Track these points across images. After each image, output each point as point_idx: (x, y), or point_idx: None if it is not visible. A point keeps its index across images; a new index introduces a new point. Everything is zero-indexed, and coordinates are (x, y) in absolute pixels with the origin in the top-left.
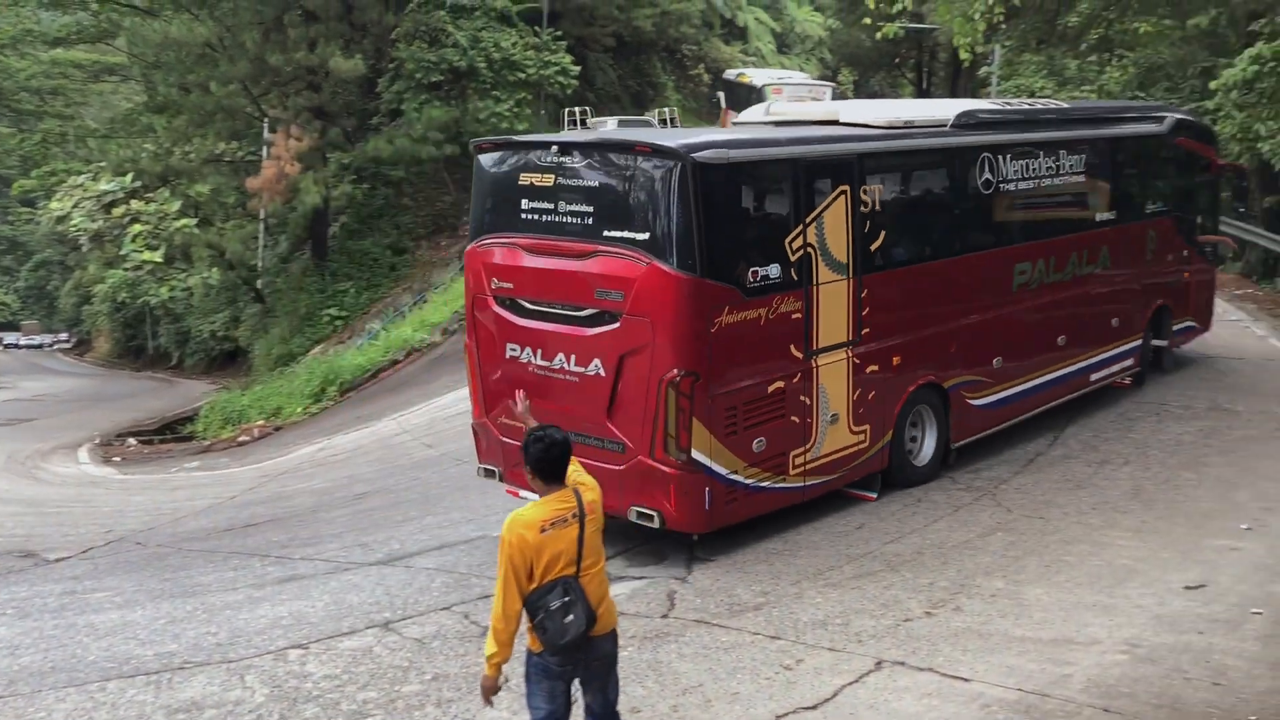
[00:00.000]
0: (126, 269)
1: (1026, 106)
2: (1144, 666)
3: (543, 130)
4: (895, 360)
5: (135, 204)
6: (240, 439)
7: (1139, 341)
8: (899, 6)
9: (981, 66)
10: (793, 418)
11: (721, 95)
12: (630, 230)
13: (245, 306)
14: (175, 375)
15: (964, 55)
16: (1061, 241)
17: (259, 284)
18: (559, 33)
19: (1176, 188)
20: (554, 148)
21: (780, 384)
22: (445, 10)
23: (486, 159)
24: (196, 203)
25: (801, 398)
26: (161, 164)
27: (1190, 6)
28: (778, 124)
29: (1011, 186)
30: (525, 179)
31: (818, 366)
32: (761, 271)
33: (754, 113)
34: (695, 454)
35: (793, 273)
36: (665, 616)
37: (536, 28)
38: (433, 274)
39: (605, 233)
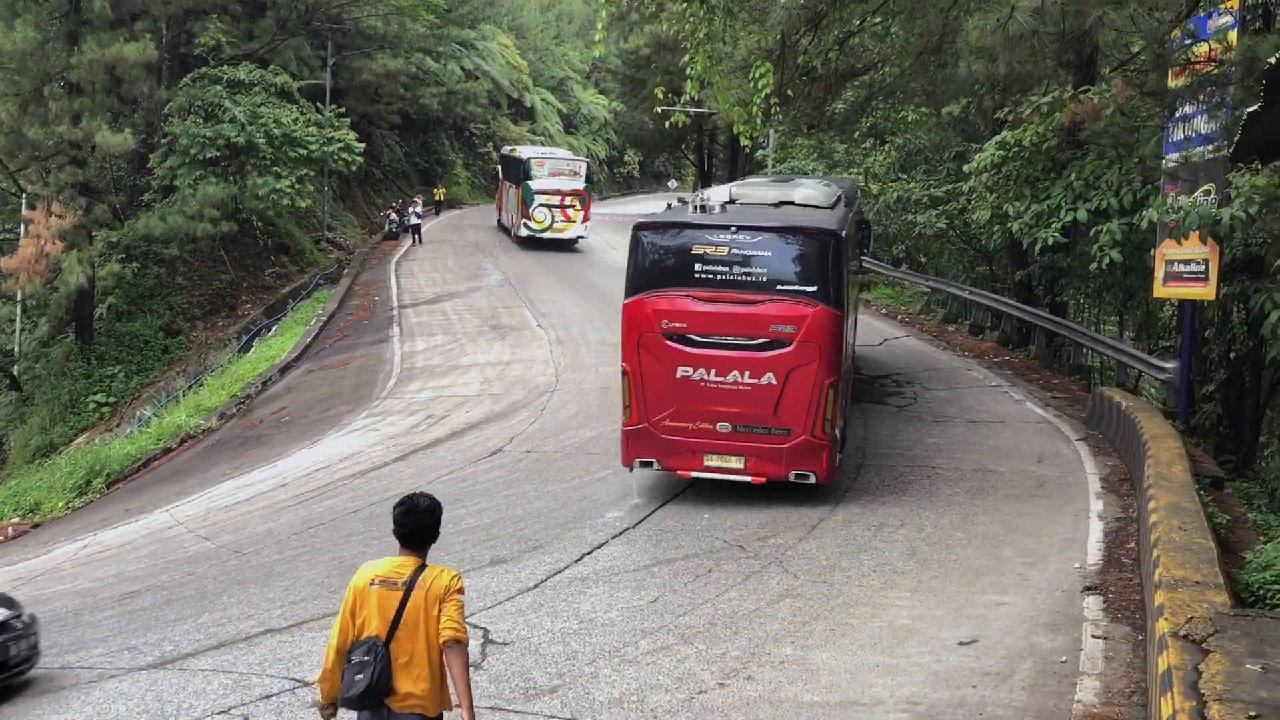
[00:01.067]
0: None
1: None
2: None
3: (327, 206)
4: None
5: None
6: None
7: None
8: (684, 98)
9: (759, 149)
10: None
11: (499, 168)
12: (800, 284)
13: (0, 395)
14: None
15: (744, 142)
16: None
17: (15, 370)
18: (343, 109)
19: None
20: (733, 228)
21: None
22: (222, 85)
23: (648, 234)
24: None
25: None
26: None
27: (943, 95)
28: (772, 205)
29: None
30: (699, 249)
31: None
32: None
33: (714, 195)
34: (835, 431)
35: (846, 302)
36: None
37: (319, 104)
38: (209, 356)
39: (778, 286)
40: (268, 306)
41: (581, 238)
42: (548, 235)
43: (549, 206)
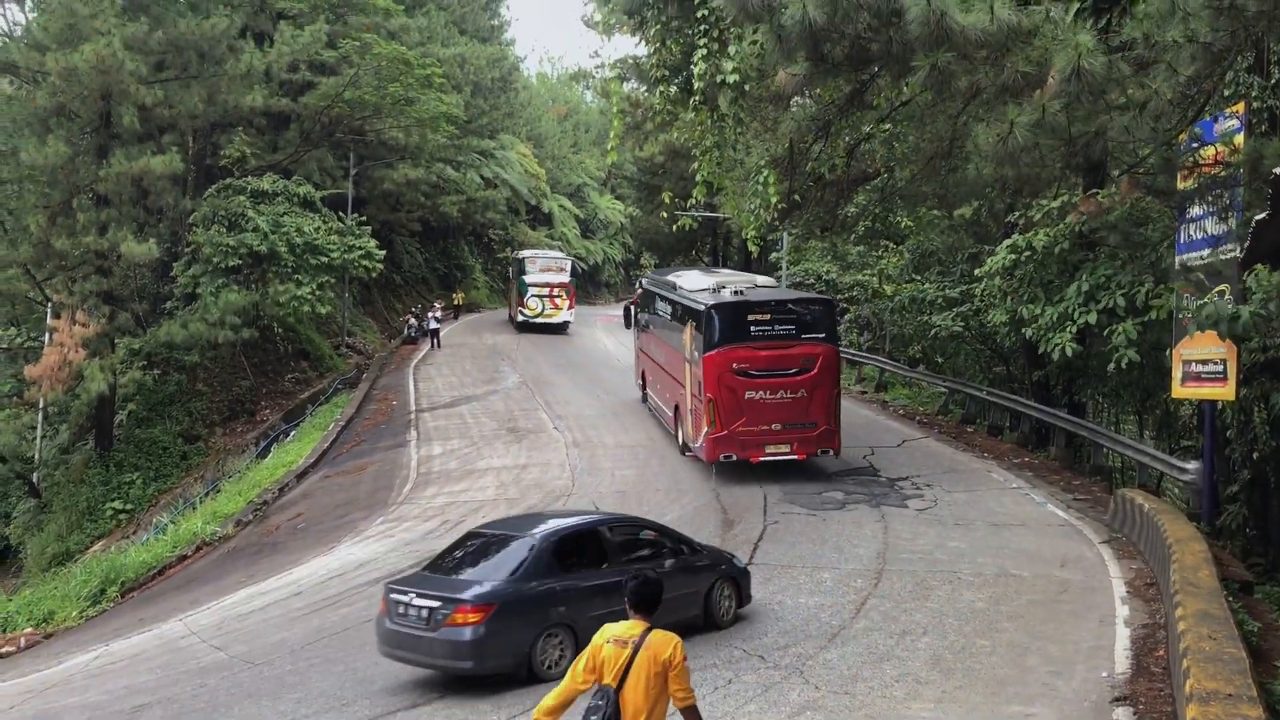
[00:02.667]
0: None
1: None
2: None
3: (348, 312)
4: None
5: None
6: (3, 650)
7: None
8: (691, 202)
9: (772, 251)
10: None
11: (510, 269)
12: (815, 331)
13: (18, 502)
14: None
15: (753, 247)
16: None
17: (35, 477)
18: (364, 218)
19: None
20: (773, 302)
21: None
22: (246, 196)
23: (718, 311)
24: None
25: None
26: None
27: (954, 198)
28: (754, 287)
29: None
30: (754, 317)
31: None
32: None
33: (698, 281)
34: (839, 421)
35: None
36: None
37: (341, 213)
38: (227, 462)
39: (802, 335)
40: (286, 412)
41: (568, 322)
42: (539, 320)
43: (540, 296)
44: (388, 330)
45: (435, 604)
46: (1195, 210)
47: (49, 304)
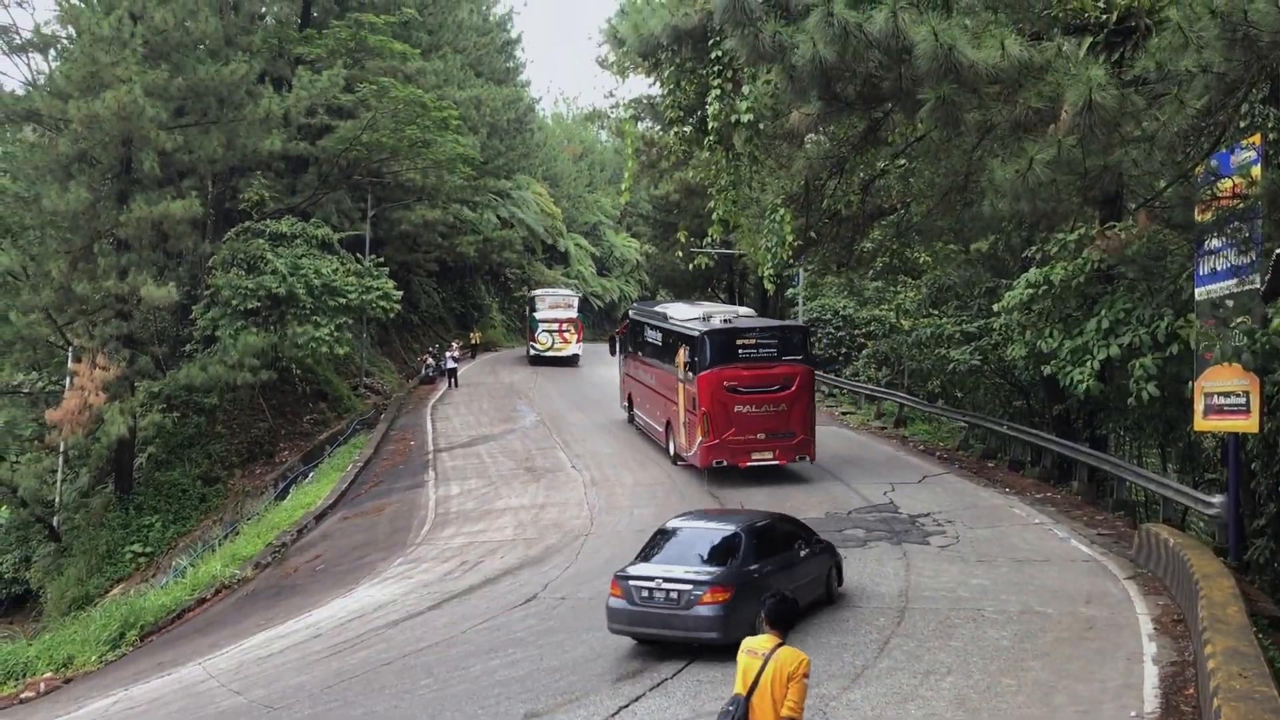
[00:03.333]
0: None
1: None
2: None
3: (365, 352)
4: None
5: None
6: (23, 695)
7: None
8: (708, 240)
9: (789, 287)
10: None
11: (527, 307)
12: (793, 354)
13: (38, 545)
14: None
15: (769, 285)
16: None
17: (55, 521)
18: (382, 259)
19: None
20: (757, 329)
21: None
22: (264, 239)
23: (711, 337)
24: None
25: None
26: None
27: (970, 233)
28: (737, 316)
29: None
30: (741, 341)
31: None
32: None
33: (687, 311)
34: (814, 431)
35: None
36: None
37: (359, 254)
38: (246, 504)
39: (783, 357)
40: (305, 453)
41: (578, 355)
42: (549, 354)
43: (549, 331)
44: (405, 370)
45: (686, 587)
46: (1214, 243)
47: (70, 348)
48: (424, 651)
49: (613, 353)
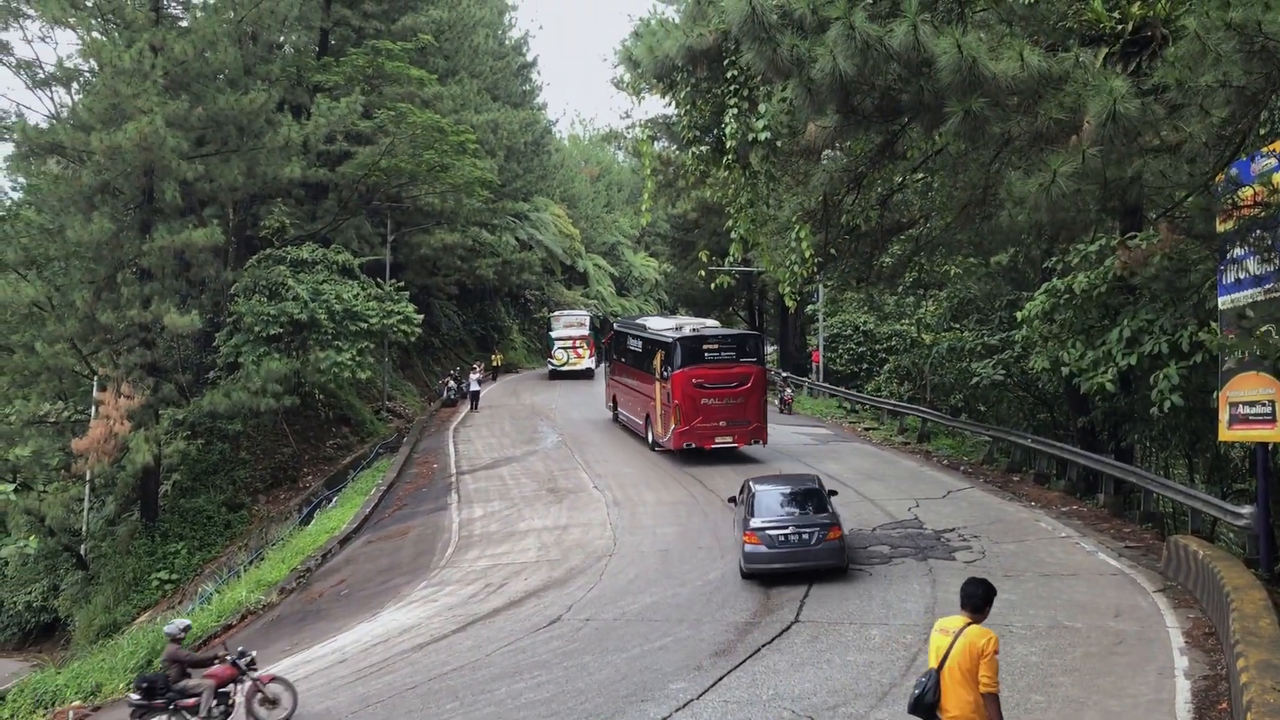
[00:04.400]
0: None
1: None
2: None
3: (387, 376)
4: None
5: None
6: None
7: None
8: (728, 259)
9: (809, 304)
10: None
11: (546, 328)
12: (749, 357)
13: (66, 574)
14: None
15: (789, 302)
16: None
17: (83, 549)
18: (402, 283)
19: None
20: (719, 337)
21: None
22: (286, 265)
23: (682, 343)
24: (15, 466)
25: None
26: None
27: (990, 245)
28: (704, 326)
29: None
30: (706, 346)
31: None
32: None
33: (662, 323)
34: (766, 418)
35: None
36: None
37: (379, 279)
38: (270, 529)
39: (740, 359)
40: (329, 478)
41: (591, 369)
42: (566, 368)
43: (564, 348)
44: (427, 393)
45: (816, 529)
46: (1237, 251)
47: (95, 377)
48: (449, 675)
49: (598, 361)
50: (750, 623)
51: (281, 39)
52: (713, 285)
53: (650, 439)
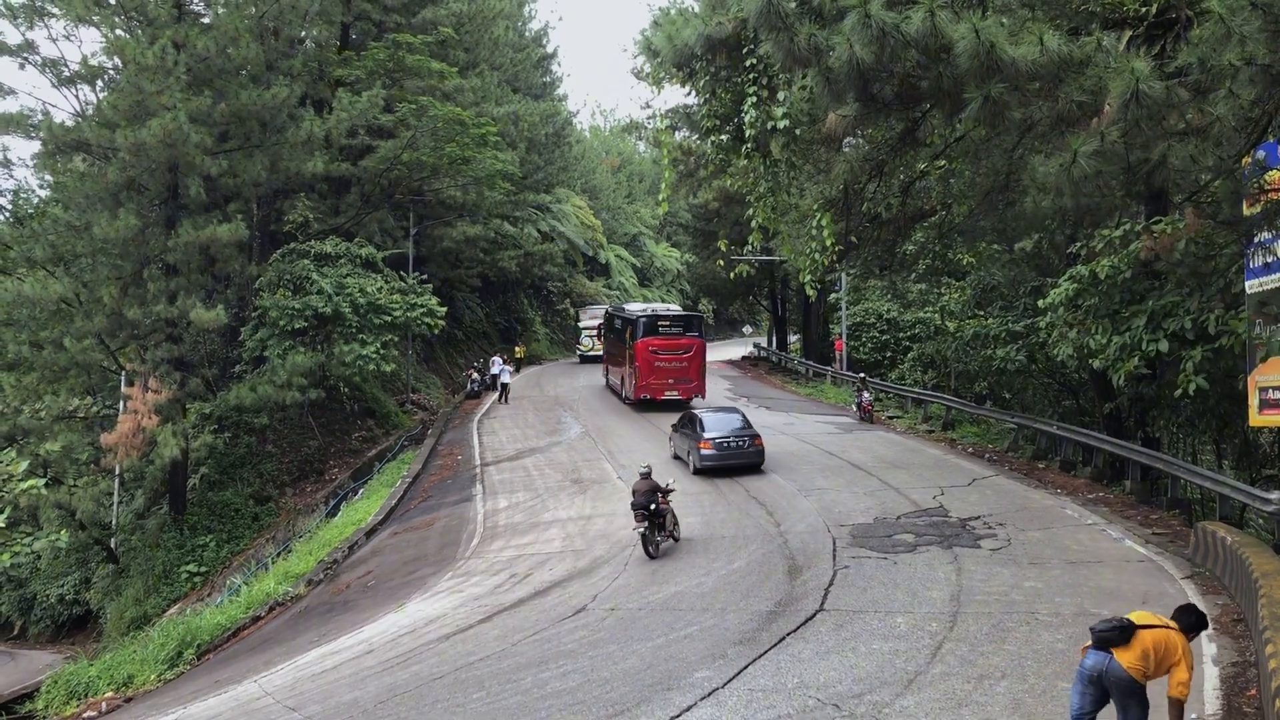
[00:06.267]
0: None
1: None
2: None
3: (411, 369)
4: None
5: None
6: (85, 715)
7: None
8: (748, 248)
9: (831, 292)
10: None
11: (574, 320)
12: (692, 331)
13: (97, 567)
14: (16, 646)
15: (810, 292)
16: None
17: (113, 543)
18: (425, 276)
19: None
20: (670, 315)
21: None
22: (309, 259)
23: (641, 319)
24: (46, 461)
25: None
26: (9, 423)
27: (1013, 232)
28: (666, 309)
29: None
30: (660, 322)
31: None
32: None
33: (636, 307)
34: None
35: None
36: None
37: (403, 272)
38: (297, 521)
39: (686, 333)
40: (354, 470)
41: None
42: (591, 354)
43: (590, 337)
44: (451, 385)
45: (747, 438)
46: (1263, 235)
47: (122, 372)
48: (475, 665)
49: (597, 338)
50: (774, 611)
51: (303, 34)
52: (731, 274)
53: (623, 396)
